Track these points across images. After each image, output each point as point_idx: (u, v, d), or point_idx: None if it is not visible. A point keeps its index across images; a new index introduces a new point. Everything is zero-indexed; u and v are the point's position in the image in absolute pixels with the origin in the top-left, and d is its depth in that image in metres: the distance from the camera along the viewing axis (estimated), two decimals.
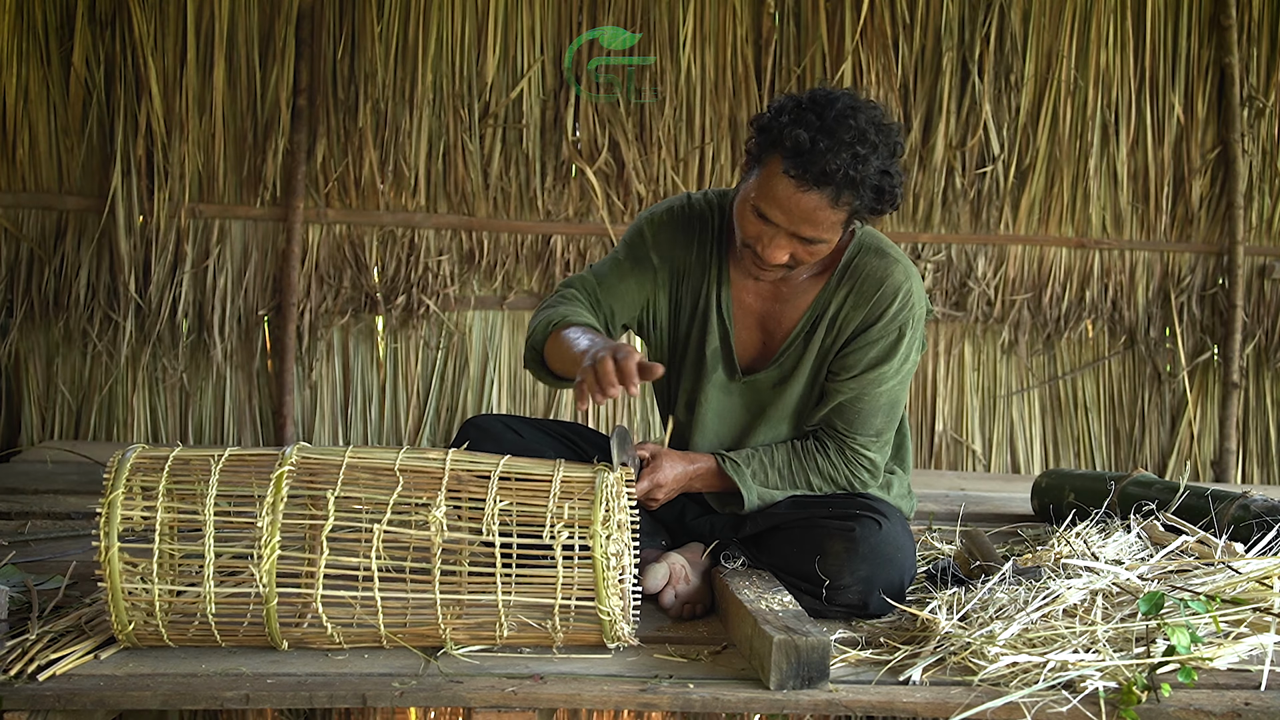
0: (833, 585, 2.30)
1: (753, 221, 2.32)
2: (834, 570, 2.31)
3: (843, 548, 2.31)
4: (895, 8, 4.58)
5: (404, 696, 1.92)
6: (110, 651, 2.03)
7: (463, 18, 4.52)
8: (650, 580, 2.37)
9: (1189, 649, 1.98)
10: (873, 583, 2.31)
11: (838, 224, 2.29)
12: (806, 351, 2.48)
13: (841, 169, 2.20)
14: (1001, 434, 4.78)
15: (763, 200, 2.28)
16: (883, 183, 2.26)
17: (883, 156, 2.25)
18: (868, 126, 2.24)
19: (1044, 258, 4.74)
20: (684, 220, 2.53)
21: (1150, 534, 2.71)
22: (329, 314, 4.55)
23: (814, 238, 2.29)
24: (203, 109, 4.44)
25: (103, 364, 4.49)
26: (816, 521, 2.38)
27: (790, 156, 2.23)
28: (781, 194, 2.25)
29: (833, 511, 2.39)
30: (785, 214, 2.26)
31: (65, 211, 4.46)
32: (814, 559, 2.32)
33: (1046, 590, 2.21)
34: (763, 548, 2.44)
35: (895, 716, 1.97)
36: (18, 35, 4.38)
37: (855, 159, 2.21)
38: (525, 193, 4.58)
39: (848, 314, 2.44)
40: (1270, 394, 4.82)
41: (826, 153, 2.20)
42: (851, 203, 2.25)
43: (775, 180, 2.26)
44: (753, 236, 2.33)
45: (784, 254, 2.31)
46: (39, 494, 3.30)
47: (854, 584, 2.31)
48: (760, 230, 2.31)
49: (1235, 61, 4.66)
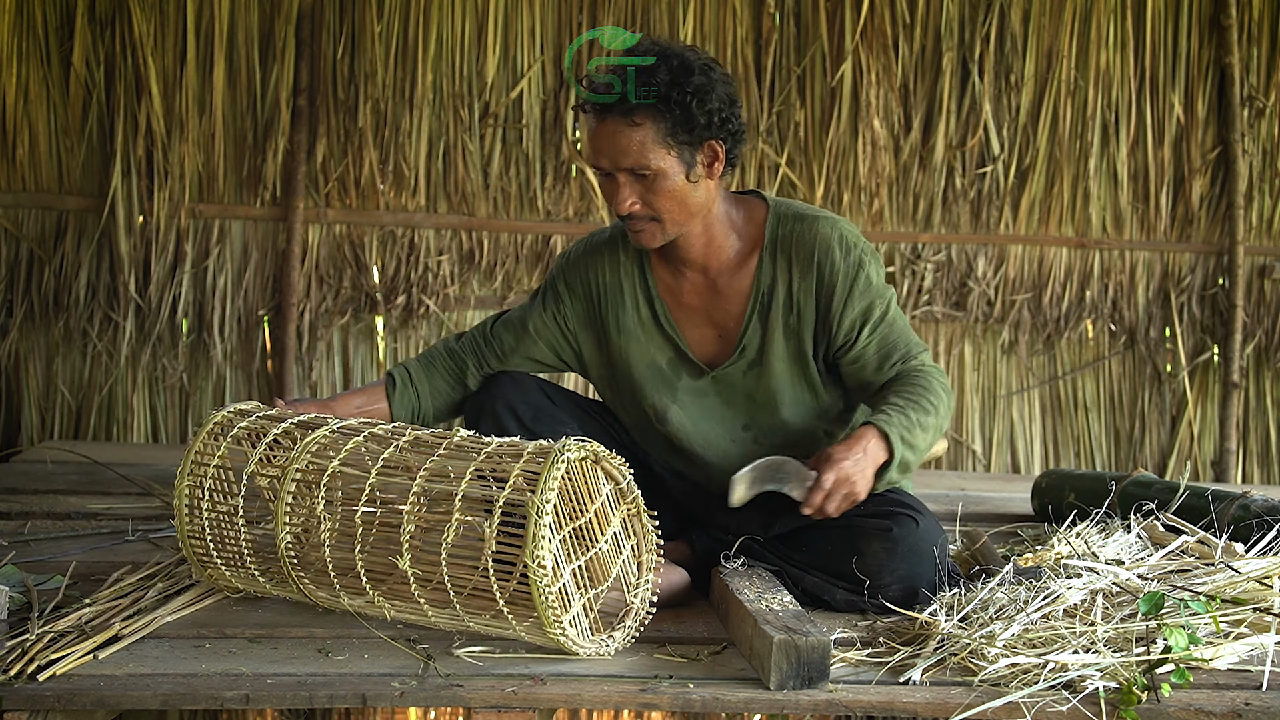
0: (873, 584, 2.31)
1: (602, 184, 2.42)
2: (874, 570, 2.32)
3: (881, 548, 2.33)
4: (895, 8, 4.58)
5: (404, 696, 1.92)
6: (110, 651, 2.03)
7: (463, 18, 4.52)
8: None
9: (1186, 649, 1.98)
10: (913, 579, 2.32)
11: (654, 145, 2.33)
12: (768, 331, 2.49)
13: (622, 86, 2.32)
14: (1001, 434, 4.78)
15: (590, 154, 2.39)
16: (674, 93, 2.31)
17: (667, 69, 2.32)
18: (648, 51, 2.36)
19: (1044, 258, 4.74)
20: (591, 250, 2.60)
21: (1150, 534, 2.70)
22: (329, 314, 4.55)
23: (640, 168, 2.33)
24: (203, 109, 4.44)
25: (103, 364, 4.49)
26: (852, 520, 2.36)
27: (581, 99, 2.39)
28: (592, 136, 2.37)
29: (867, 510, 2.37)
30: (605, 154, 2.35)
31: (65, 211, 4.46)
32: (851, 559, 2.33)
33: (1046, 590, 2.21)
34: (794, 546, 2.43)
35: (895, 716, 1.97)
36: (18, 35, 4.38)
37: (634, 74, 2.32)
38: (525, 193, 4.58)
39: (799, 286, 2.47)
40: (1270, 394, 4.82)
41: (608, 80, 2.35)
42: (649, 119, 2.32)
43: (588, 130, 2.39)
44: (608, 199, 2.41)
45: (630, 198, 2.36)
46: (39, 494, 3.30)
47: (894, 582, 2.32)
48: (609, 187, 2.40)
49: (1235, 61, 4.66)
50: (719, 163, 2.40)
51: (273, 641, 2.14)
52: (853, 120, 4.61)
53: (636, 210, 2.37)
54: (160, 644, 2.09)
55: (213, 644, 2.11)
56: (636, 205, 2.37)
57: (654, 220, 2.39)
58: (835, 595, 2.37)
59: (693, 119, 2.33)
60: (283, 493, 2.14)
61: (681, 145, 2.34)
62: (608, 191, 2.40)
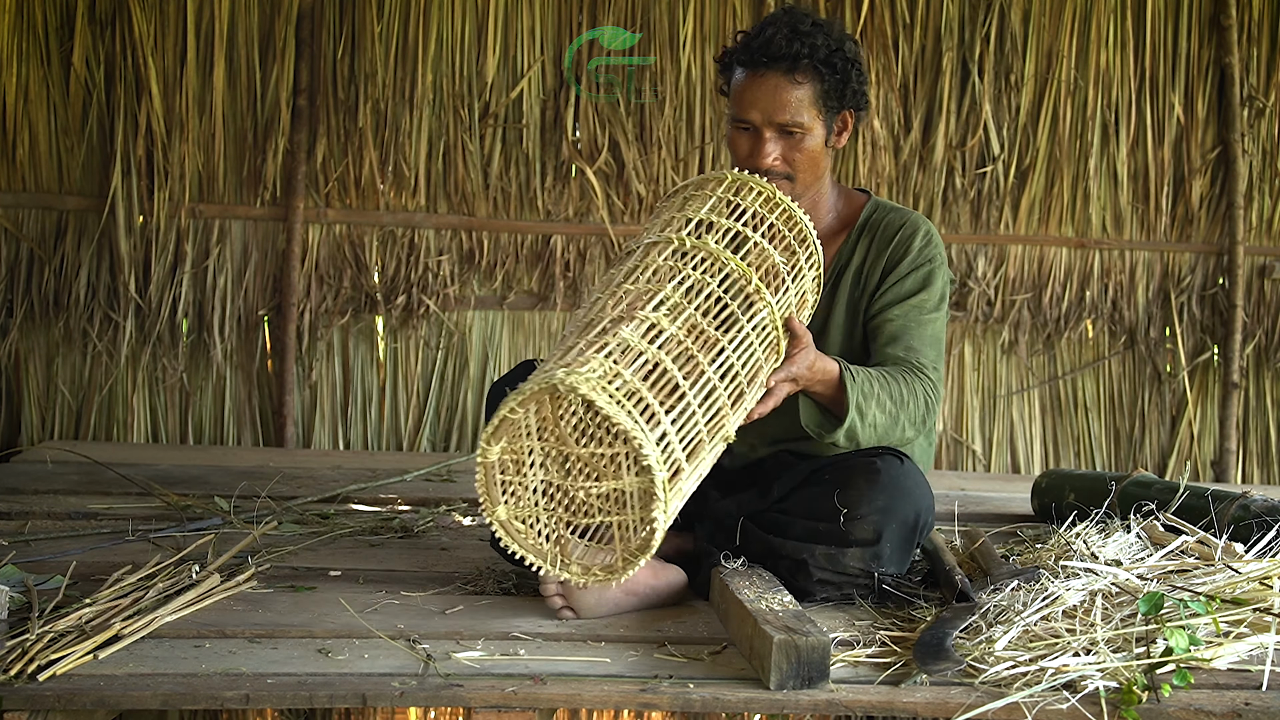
0: (850, 516, 2.33)
1: (738, 138, 2.49)
2: (853, 500, 2.34)
3: (864, 479, 2.37)
4: (895, 8, 4.58)
5: (404, 696, 1.92)
6: (110, 651, 2.03)
7: (463, 18, 4.52)
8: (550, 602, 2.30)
9: (1187, 650, 1.98)
10: (889, 514, 2.34)
11: (810, 106, 2.44)
12: (834, 304, 2.57)
13: (787, 42, 2.41)
14: (1001, 434, 4.78)
15: (736, 106, 2.47)
16: (836, 59, 2.44)
17: (829, 37, 2.45)
18: (805, 16, 2.48)
19: (1044, 258, 4.74)
20: None
21: (1150, 534, 2.70)
22: (329, 314, 4.55)
23: (791, 123, 2.43)
24: (203, 109, 4.44)
25: (103, 364, 4.48)
26: (843, 459, 2.43)
27: (742, 53, 2.46)
28: (746, 88, 2.45)
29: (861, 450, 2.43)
30: (756, 107, 2.44)
31: (65, 211, 4.46)
32: (834, 494, 2.36)
33: (1046, 591, 2.21)
34: (786, 510, 2.44)
35: (895, 717, 1.97)
36: (18, 35, 4.38)
37: (796, 34, 2.42)
38: (525, 193, 4.58)
39: (871, 263, 2.57)
40: (1270, 394, 4.82)
41: (771, 35, 2.43)
42: (810, 80, 2.43)
43: (739, 84, 2.47)
44: (745, 154, 2.47)
45: (774, 152, 2.45)
46: (39, 494, 3.30)
47: (871, 513, 2.34)
48: (748, 142, 2.47)
49: (1235, 61, 4.66)
50: (847, 132, 2.55)
51: (273, 641, 2.14)
52: None
53: (776, 166, 2.46)
54: (160, 644, 2.09)
55: (213, 644, 2.11)
56: (778, 161, 2.46)
57: (786, 178, 2.48)
58: (815, 554, 2.35)
59: (845, 86, 2.47)
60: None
61: (829, 110, 2.48)
62: (745, 146, 2.47)
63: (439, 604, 2.38)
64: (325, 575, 2.59)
